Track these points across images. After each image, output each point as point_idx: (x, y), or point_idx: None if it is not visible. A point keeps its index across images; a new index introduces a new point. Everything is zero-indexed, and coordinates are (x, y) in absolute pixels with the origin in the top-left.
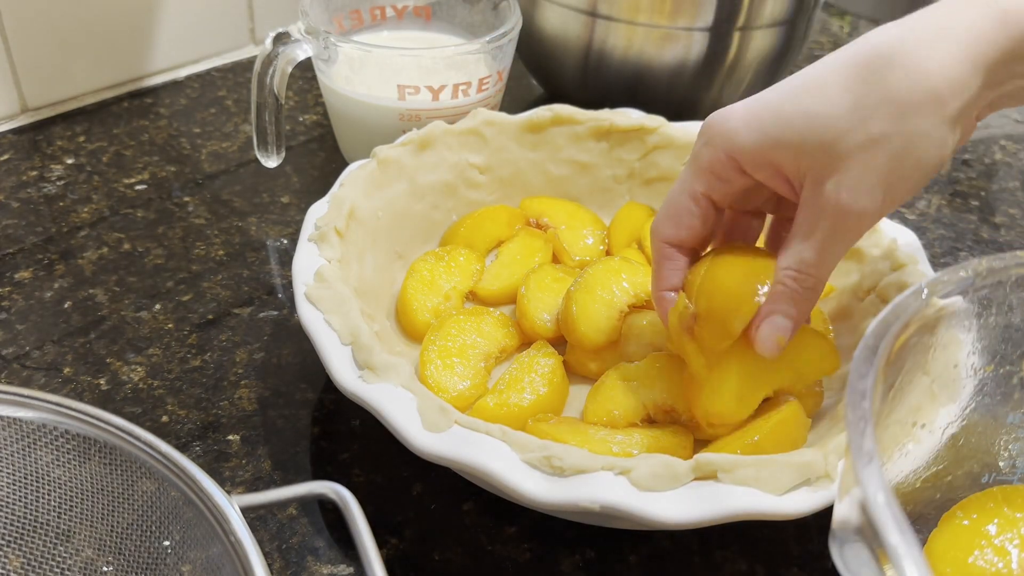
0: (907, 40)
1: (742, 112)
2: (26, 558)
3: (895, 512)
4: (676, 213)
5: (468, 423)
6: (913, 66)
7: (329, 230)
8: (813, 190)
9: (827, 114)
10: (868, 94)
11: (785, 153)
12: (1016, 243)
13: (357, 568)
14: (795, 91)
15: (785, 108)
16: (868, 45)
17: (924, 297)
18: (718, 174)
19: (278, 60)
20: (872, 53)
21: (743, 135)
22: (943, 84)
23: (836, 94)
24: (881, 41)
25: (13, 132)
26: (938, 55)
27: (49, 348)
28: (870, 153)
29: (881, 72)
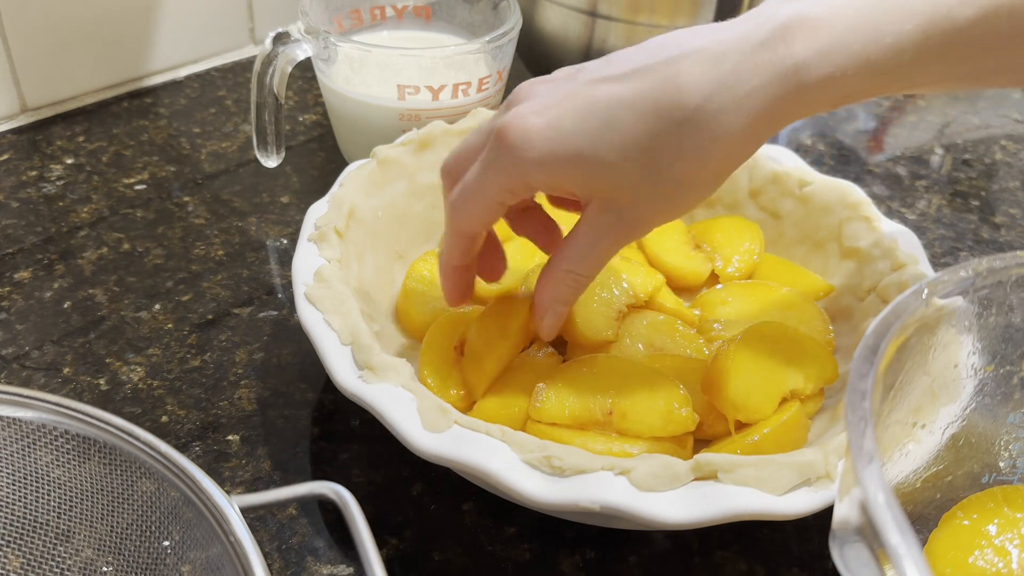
0: (710, 103)
1: (542, 141)
2: (26, 558)
3: (895, 512)
4: (477, 215)
5: (468, 423)
6: (709, 136)
7: (329, 230)
8: (598, 212)
9: (619, 167)
10: (663, 153)
11: (578, 185)
12: (1016, 243)
13: (357, 568)
14: (595, 133)
15: (583, 149)
16: (674, 91)
17: (924, 297)
18: (515, 192)
19: (278, 60)
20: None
21: (543, 169)
22: (733, 152)
23: (633, 144)
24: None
25: (13, 132)
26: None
27: (49, 348)
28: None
29: (681, 131)
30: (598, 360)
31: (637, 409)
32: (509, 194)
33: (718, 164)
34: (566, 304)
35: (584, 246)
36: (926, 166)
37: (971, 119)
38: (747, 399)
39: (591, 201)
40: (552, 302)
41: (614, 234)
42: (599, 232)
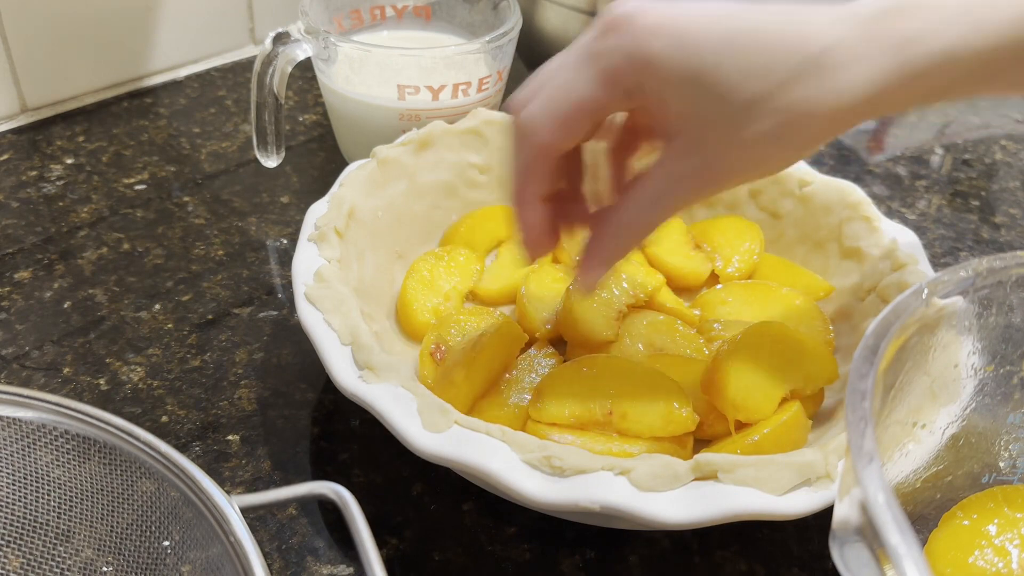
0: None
1: (667, 31)
2: (26, 558)
3: (895, 512)
4: (564, 120)
5: (468, 423)
6: (822, 86)
7: (329, 230)
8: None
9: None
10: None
11: (681, 104)
12: (1016, 243)
13: (357, 568)
14: (724, 45)
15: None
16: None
17: (924, 297)
18: (616, 88)
19: (278, 60)
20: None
21: (659, 64)
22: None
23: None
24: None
25: (13, 132)
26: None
27: (49, 348)
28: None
29: (796, 79)
30: (598, 360)
31: (637, 409)
32: (612, 90)
33: (825, 120)
34: (614, 260)
35: (659, 192)
36: (926, 166)
37: (971, 119)
38: (747, 399)
39: (677, 137)
40: (604, 256)
41: (694, 181)
42: (678, 176)
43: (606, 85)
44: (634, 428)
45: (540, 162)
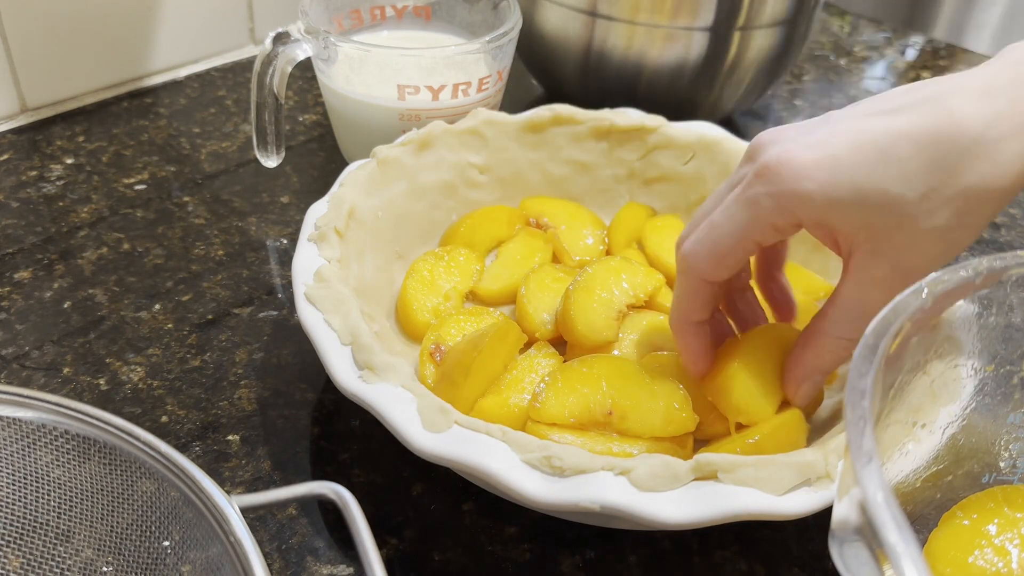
0: (990, 131)
1: (816, 172)
2: (26, 558)
3: (894, 511)
4: (724, 256)
5: (468, 423)
6: (991, 165)
7: (329, 230)
8: (868, 261)
9: (902, 197)
10: (944, 186)
11: (849, 223)
12: (1016, 243)
13: (357, 568)
14: (874, 164)
15: (862, 181)
16: (955, 129)
17: (924, 296)
18: (777, 228)
19: (278, 60)
20: (956, 141)
21: (816, 199)
22: (1012, 184)
23: (915, 178)
24: (969, 127)
25: (13, 132)
26: (1014, 154)
27: (49, 348)
28: (929, 240)
29: (962, 165)
30: (597, 360)
31: (637, 409)
32: (771, 230)
33: (999, 195)
34: (827, 373)
35: (854, 305)
36: None
37: None
38: (750, 403)
39: (856, 250)
40: (813, 371)
41: (887, 284)
42: (869, 283)
43: (763, 227)
44: (634, 428)
45: (699, 292)
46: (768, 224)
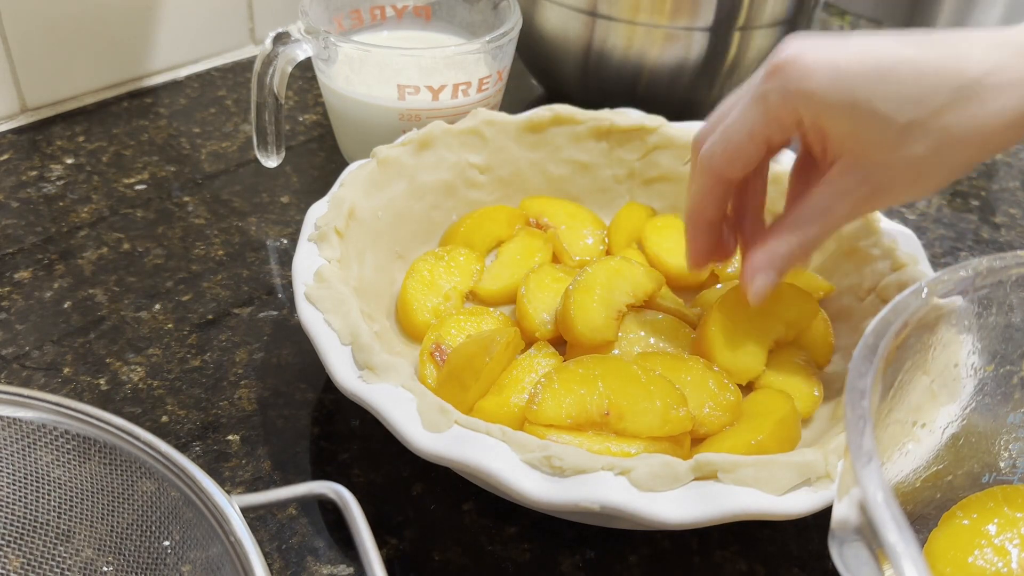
0: (989, 77)
1: (825, 70)
2: (26, 558)
3: (894, 511)
4: (736, 152)
5: (468, 423)
6: (978, 107)
7: (329, 230)
8: (843, 171)
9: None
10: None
11: (840, 130)
12: (1016, 243)
13: (357, 568)
14: (874, 81)
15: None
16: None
17: (924, 296)
18: (782, 124)
19: (278, 60)
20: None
21: (817, 98)
22: (994, 132)
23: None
24: (971, 69)
25: (13, 132)
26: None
27: (49, 348)
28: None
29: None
30: (594, 361)
31: (634, 410)
32: (776, 125)
33: (979, 140)
34: (781, 270)
35: (819, 206)
36: None
37: None
38: (735, 361)
39: (839, 158)
40: (767, 264)
41: (853, 197)
42: (838, 192)
43: (770, 122)
44: (631, 428)
45: (714, 190)
46: (775, 119)
